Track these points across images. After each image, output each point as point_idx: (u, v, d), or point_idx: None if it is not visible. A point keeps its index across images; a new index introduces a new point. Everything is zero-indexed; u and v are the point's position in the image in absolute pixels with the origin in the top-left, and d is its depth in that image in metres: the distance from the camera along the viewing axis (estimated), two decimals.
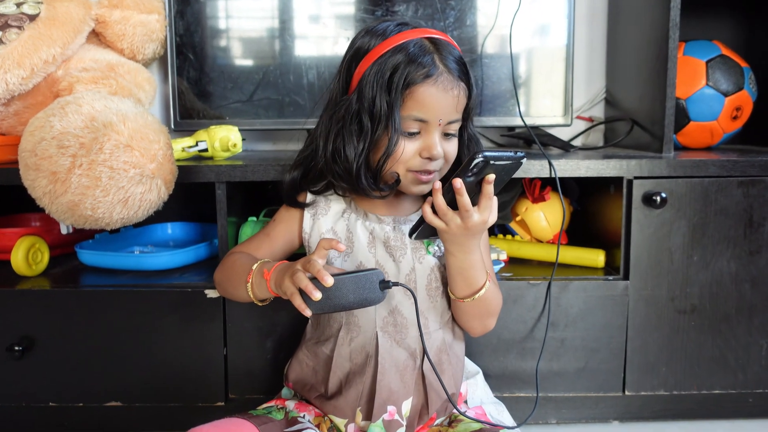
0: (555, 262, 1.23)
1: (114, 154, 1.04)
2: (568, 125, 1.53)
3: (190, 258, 1.31)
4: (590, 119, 1.69)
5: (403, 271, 0.98)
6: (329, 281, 0.82)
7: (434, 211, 0.90)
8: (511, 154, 0.85)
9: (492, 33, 1.48)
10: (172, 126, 1.50)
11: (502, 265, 1.28)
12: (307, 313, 0.84)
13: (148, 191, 1.08)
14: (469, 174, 0.84)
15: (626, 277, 1.21)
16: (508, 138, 1.65)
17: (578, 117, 1.68)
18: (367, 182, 0.94)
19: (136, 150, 1.05)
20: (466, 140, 1.00)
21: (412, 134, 0.93)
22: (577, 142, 1.69)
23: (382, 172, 0.93)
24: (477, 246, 0.92)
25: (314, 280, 0.83)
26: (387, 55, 0.91)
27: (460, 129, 0.99)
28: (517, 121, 1.50)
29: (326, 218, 1.02)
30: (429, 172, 0.95)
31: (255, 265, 0.95)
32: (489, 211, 0.89)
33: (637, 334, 1.21)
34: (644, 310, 1.21)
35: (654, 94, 1.35)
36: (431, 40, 0.93)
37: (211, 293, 1.18)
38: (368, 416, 0.97)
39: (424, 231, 0.94)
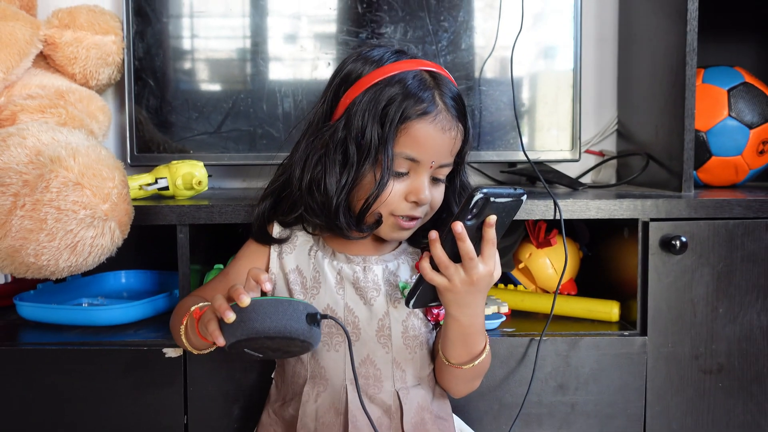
0: (550, 313, 1.23)
1: (62, 193, 1.05)
2: (576, 160, 1.55)
3: (146, 312, 1.31)
4: (601, 153, 1.72)
5: (376, 316, 1.00)
6: (245, 300, 0.83)
7: (433, 266, 0.91)
8: (512, 190, 0.87)
9: (491, 56, 1.52)
10: (129, 161, 1.52)
11: (503, 318, 1.29)
12: (220, 341, 0.84)
13: (100, 235, 1.09)
14: (469, 216, 0.86)
15: (644, 333, 1.22)
16: (508, 175, 1.67)
17: (587, 151, 1.71)
18: (346, 221, 0.96)
19: (87, 188, 1.06)
20: (458, 188, 1.04)
21: (400, 174, 0.96)
22: (586, 180, 1.73)
23: (368, 213, 0.95)
24: (483, 306, 0.94)
25: (234, 305, 0.85)
26: (382, 85, 0.95)
27: (451, 175, 1.02)
28: (519, 156, 1.53)
29: (291, 256, 1.04)
30: (413, 219, 0.98)
31: (194, 306, 0.96)
32: (493, 260, 0.90)
33: (658, 397, 1.22)
34: (665, 370, 1.22)
35: (671, 125, 1.38)
36: (431, 74, 0.97)
37: (171, 352, 1.17)
38: None
39: (423, 295, 0.94)
